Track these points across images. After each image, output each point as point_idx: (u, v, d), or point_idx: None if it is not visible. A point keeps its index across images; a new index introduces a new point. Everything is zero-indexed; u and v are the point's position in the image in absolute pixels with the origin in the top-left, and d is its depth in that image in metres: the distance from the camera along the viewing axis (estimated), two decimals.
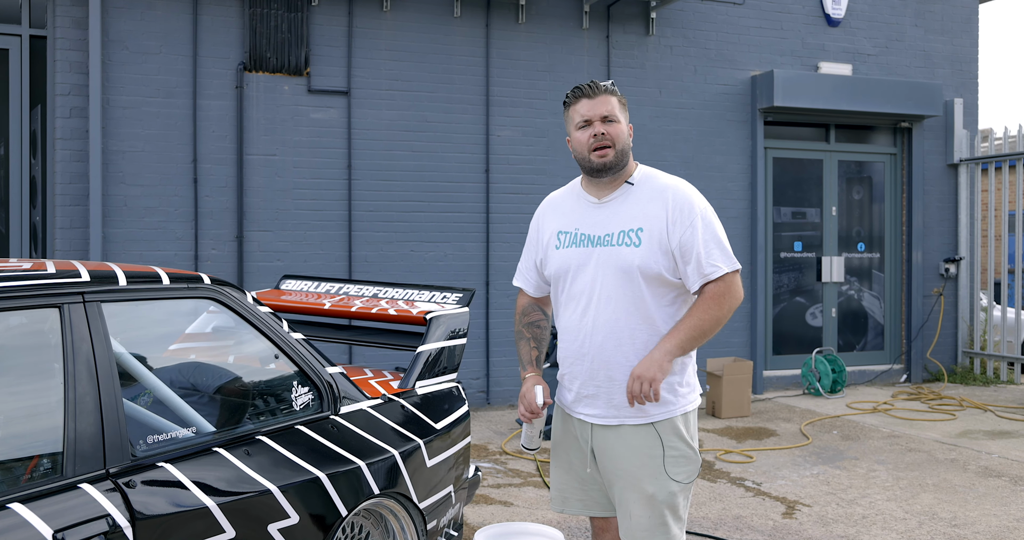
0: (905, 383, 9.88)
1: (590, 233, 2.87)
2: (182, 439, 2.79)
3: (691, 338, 2.77)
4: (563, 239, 2.93)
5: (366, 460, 3.22)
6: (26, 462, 2.45)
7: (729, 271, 2.80)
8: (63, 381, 2.50)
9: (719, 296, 2.78)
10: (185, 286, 2.98)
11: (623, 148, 2.84)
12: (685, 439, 2.87)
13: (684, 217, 2.78)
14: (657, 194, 2.82)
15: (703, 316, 2.77)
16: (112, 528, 2.42)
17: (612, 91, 2.86)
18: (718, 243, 2.80)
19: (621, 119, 2.85)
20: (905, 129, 10.01)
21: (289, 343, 3.22)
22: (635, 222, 2.81)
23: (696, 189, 2.90)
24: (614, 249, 2.82)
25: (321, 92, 7.78)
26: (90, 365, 2.55)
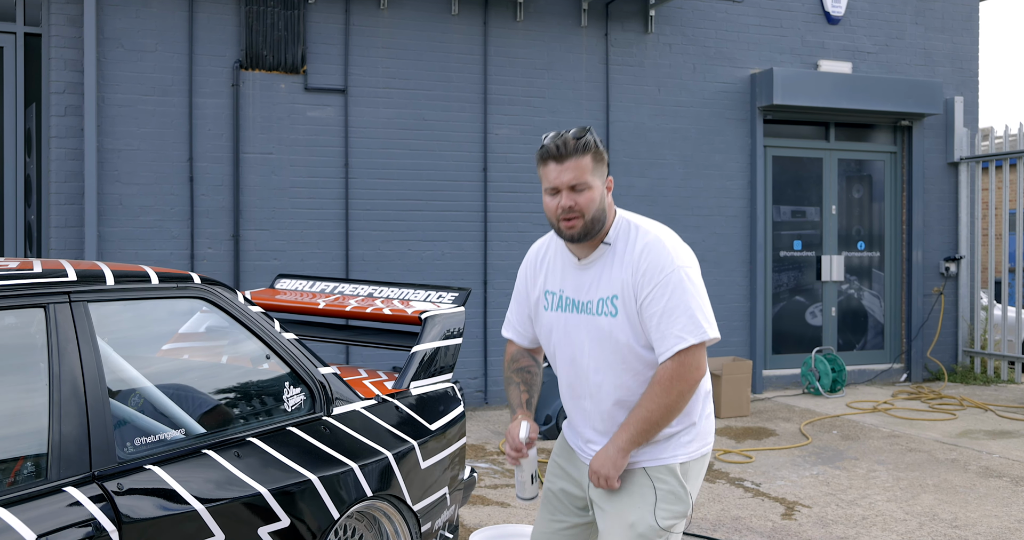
0: (905, 382, 9.83)
1: (574, 298, 2.74)
2: (170, 441, 2.75)
3: (642, 431, 2.58)
4: (550, 300, 2.80)
5: (359, 462, 3.17)
6: (9, 465, 2.40)
7: (685, 347, 2.53)
8: (48, 382, 2.45)
9: (667, 381, 2.54)
10: (175, 286, 2.93)
11: (594, 216, 2.59)
12: (678, 477, 2.70)
13: (648, 282, 2.57)
14: (628, 256, 2.62)
15: (650, 406, 2.56)
16: (97, 532, 2.38)
17: (584, 148, 2.55)
18: (685, 310, 2.54)
19: (594, 182, 2.56)
20: (905, 127, 9.96)
21: (281, 343, 3.18)
22: (611, 289, 2.64)
23: (676, 243, 2.64)
24: (594, 319, 2.68)
25: (318, 90, 7.74)
26: (76, 366, 2.51)
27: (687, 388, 2.55)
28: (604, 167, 2.62)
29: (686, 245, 2.70)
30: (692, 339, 2.53)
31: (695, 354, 2.55)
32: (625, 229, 2.67)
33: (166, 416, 2.81)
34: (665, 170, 8.94)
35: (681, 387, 2.55)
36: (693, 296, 2.56)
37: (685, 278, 2.56)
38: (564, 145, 2.54)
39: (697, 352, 2.56)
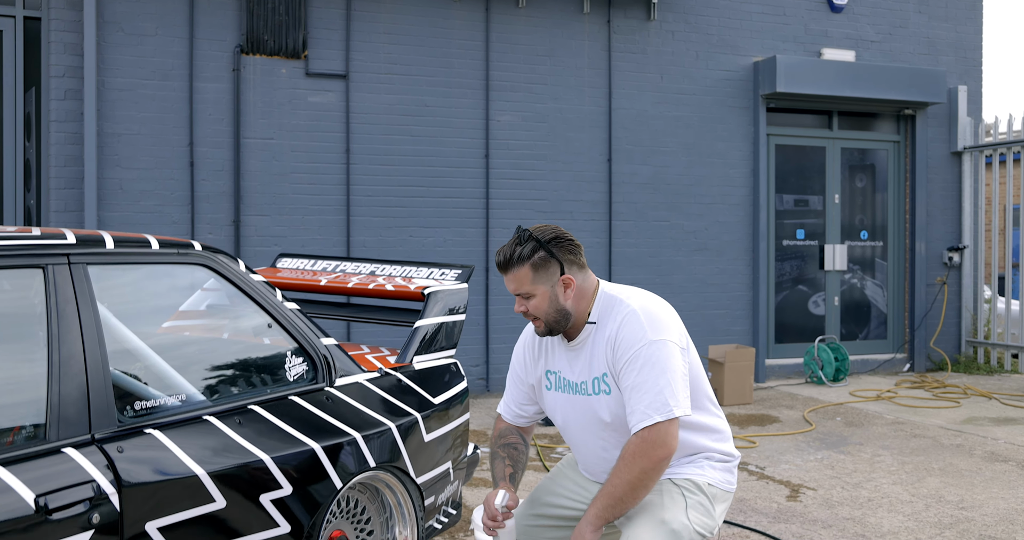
0: (908, 372, 9.79)
1: (570, 379, 2.78)
2: (171, 407, 2.71)
3: (608, 506, 2.58)
4: (551, 380, 2.84)
5: (362, 432, 3.13)
6: (7, 425, 2.36)
7: (649, 424, 2.54)
8: (47, 344, 2.41)
9: (629, 457, 2.55)
10: (175, 252, 2.89)
11: (553, 317, 2.68)
12: (706, 494, 2.73)
13: (621, 357, 2.62)
14: (610, 331, 2.67)
15: (615, 481, 2.57)
16: (97, 495, 2.34)
17: (518, 260, 2.64)
18: (652, 386, 2.55)
19: (537, 289, 2.65)
20: (908, 116, 9.92)
21: (283, 313, 3.14)
22: (601, 367, 2.69)
23: (655, 314, 2.65)
24: (590, 399, 2.72)
25: (319, 75, 7.69)
26: (75, 327, 2.47)
27: (650, 466, 2.55)
28: (552, 269, 2.67)
29: (671, 314, 2.71)
30: (657, 416, 2.54)
31: (660, 431, 2.54)
32: (608, 304, 2.72)
33: (166, 382, 2.77)
34: (668, 158, 8.90)
35: (643, 464, 2.55)
36: (663, 372, 2.57)
37: (656, 352, 2.58)
38: (504, 260, 2.67)
39: (662, 429, 2.54)
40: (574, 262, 2.72)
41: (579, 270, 2.73)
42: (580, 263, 2.74)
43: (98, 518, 2.33)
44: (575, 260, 2.72)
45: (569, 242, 2.72)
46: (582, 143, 8.56)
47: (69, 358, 2.43)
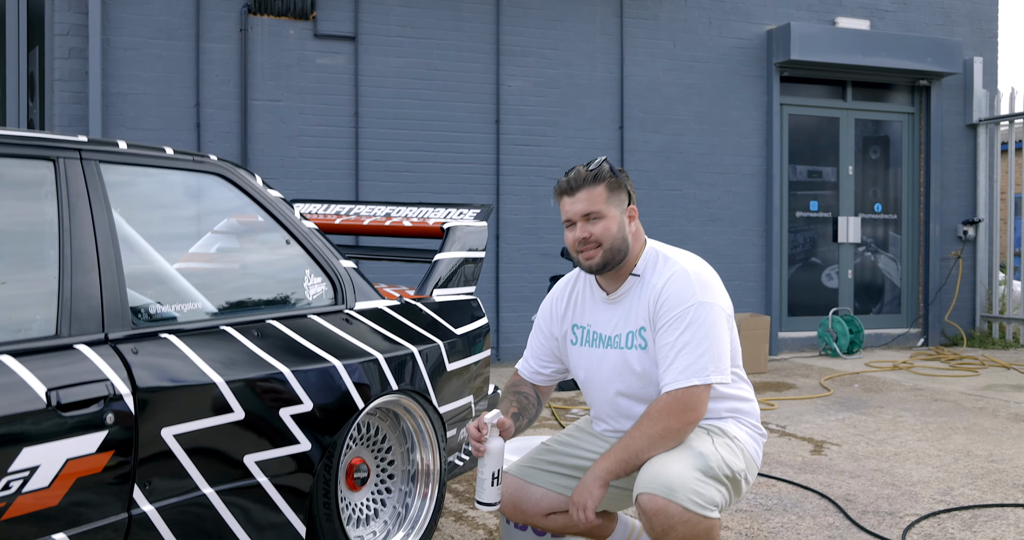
0: (922, 347, 9.66)
1: (602, 333, 2.67)
2: (186, 314, 2.59)
3: (622, 460, 2.49)
4: (578, 335, 2.73)
5: (384, 354, 3.00)
6: (15, 317, 2.23)
7: (685, 386, 2.45)
8: (57, 237, 2.29)
9: (657, 414, 2.47)
10: (191, 159, 2.77)
11: (613, 246, 2.56)
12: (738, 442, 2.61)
13: (666, 313, 2.52)
14: (654, 287, 2.57)
15: (635, 434, 2.49)
16: (112, 395, 2.21)
17: (596, 178, 2.54)
18: (695, 348, 2.47)
19: (609, 211, 2.55)
20: (923, 88, 9.78)
21: (301, 231, 3.01)
22: (639, 321, 2.59)
23: (705, 277, 2.56)
24: (624, 353, 2.61)
25: (328, 37, 7.56)
26: (87, 223, 2.34)
27: (676, 426, 2.47)
28: (623, 195, 2.59)
29: (719, 281, 2.61)
30: (695, 380, 2.46)
31: (694, 395, 2.47)
32: (654, 260, 2.63)
33: (180, 291, 2.65)
34: (680, 126, 8.76)
35: (669, 423, 2.47)
36: (707, 335, 2.49)
37: (704, 314, 2.50)
38: (575, 177, 2.55)
39: (696, 393, 2.47)
40: (633, 202, 2.66)
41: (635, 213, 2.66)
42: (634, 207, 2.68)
43: (112, 419, 2.21)
44: (634, 200, 2.66)
45: (628, 181, 2.66)
46: (594, 110, 8.42)
47: (81, 254, 2.30)
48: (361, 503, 3.03)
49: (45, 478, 2.07)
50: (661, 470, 2.44)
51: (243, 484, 2.52)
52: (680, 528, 2.40)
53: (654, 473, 2.44)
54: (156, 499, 2.32)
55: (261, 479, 2.56)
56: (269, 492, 2.59)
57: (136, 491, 2.27)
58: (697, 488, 2.42)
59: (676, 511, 2.39)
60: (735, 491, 2.59)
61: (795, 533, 3.59)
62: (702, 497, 2.42)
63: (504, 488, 2.78)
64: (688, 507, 2.39)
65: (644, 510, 2.42)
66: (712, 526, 2.44)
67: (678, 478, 2.42)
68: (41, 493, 2.07)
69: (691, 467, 2.46)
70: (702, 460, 2.50)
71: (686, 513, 2.39)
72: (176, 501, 2.36)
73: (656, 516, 2.40)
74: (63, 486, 2.11)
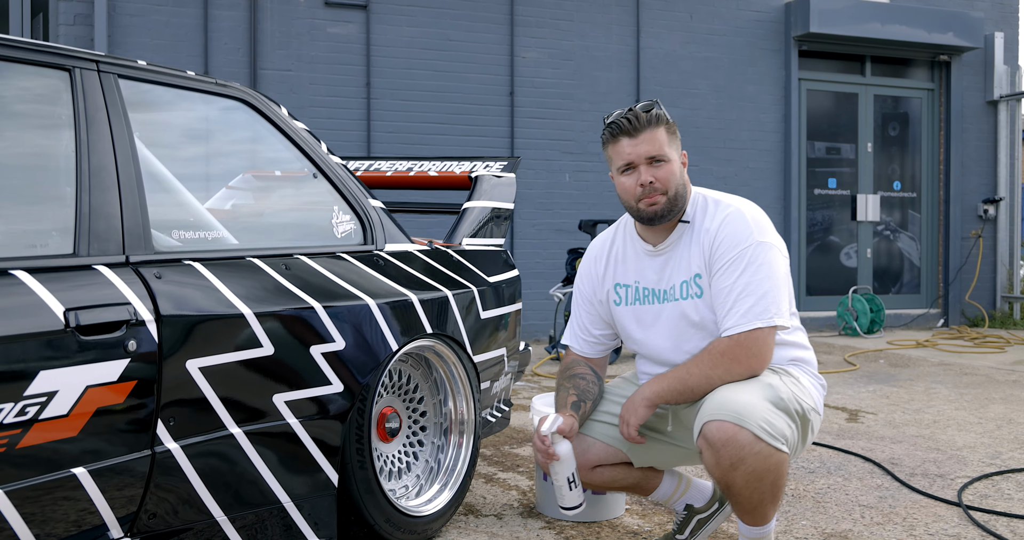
0: (942, 328, 9.48)
1: (653, 287, 2.49)
2: (211, 241, 2.41)
3: (673, 390, 2.36)
4: (623, 294, 2.55)
5: (417, 295, 2.83)
6: (29, 233, 2.06)
7: (747, 330, 2.30)
8: (74, 150, 2.11)
9: (718, 355, 2.32)
10: (213, 82, 2.59)
11: (676, 192, 2.40)
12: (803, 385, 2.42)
13: (722, 255, 2.37)
14: (707, 231, 2.42)
15: (693, 370, 2.34)
16: (134, 320, 2.04)
17: (657, 120, 2.38)
18: (756, 290, 2.31)
19: (672, 155, 2.39)
20: (943, 63, 9.59)
21: (329, 165, 2.83)
22: (692, 268, 2.43)
23: (759, 217, 2.41)
24: (679, 304, 2.44)
25: (339, 5, 7.37)
26: (106, 138, 2.16)
27: (739, 370, 2.33)
28: (677, 141, 2.45)
29: (771, 224, 2.45)
30: (758, 322, 2.31)
31: (758, 338, 2.31)
32: (703, 205, 2.47)
33: (202, 220, 2.48)
34: (697, 100, 8.58)
35: (730, 367, 2.33)
36: (768, 276, 2.33)
37: (762, 255, 2.35)
38: (636, 118, 2.37)
39: (760, 337, 2.31)
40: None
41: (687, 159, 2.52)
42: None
43: (134, 346, 2.03)
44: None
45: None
46: (609, 83, 8.24)
47: (100, 169, 2.12)
48: (392, 455, 2.85)
49: (63, 405, 1.90)
50: (729, 397, 2.27)
51: (272, 425, 2.35)
52: (750, 460, 2.22)
53: (721, 400, 2.27)
54: (181, 437, 2.14)
55: (291, 420, 2.39)
56: (300, 435, 2.41)
57: (160, 427, 2.10)
58: (768, 417, 2.25)
59: (747, 440, 2.21)
60: (803, 433, 2.41)
61: (844, 494, 3.42)
62: (773, 427, 2.24)
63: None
64: (760, 435, 2.21)
65: (711, 440, 2.24)
66: (783, 461, 2.26)
67: (748, 405, 2.24)
68: (59, 422, 1.90)
69: (761, 397, 2.29)
70: (772, 391, 2.33)
71: (757, 443, 2.21)
72: (202, 440, 2.19)
73: (725, 446, 2.22)
74: (83, 416, 1.94)
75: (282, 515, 2.39)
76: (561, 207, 8.08)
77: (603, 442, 2.57)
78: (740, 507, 2.33)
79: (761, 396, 2.29)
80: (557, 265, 7.87)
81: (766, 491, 2.28)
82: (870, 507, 3.25)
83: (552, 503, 3.08)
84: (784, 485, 2.32)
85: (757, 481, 2.25)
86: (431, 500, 2.87)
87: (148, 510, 2.10)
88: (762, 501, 2.30)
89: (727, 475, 2.26)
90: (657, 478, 2.69)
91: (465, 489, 2.98)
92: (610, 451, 2.58)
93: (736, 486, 2.27)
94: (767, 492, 2.28)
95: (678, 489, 2.71)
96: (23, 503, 1.84)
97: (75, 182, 2.08)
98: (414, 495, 2.88)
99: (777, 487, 2.29)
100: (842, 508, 3.24)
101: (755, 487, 2.26)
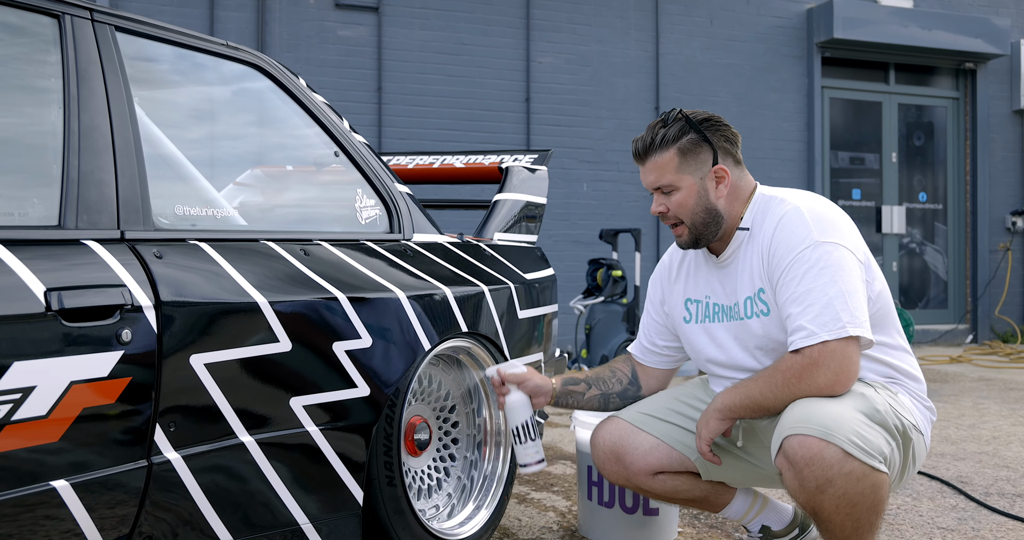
0: (971, 344, 9.13)
1: (721, 303, 2.23)
2: (220, 220, 2.10)
3: (743, 407, 2.08)
4: (693, 311, 2.29)
5: (451, 289, 2.51)
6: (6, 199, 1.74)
7: (814, 343, 1.98)
8: (62, 107, 1.80)
9: (795, 371, 2.00)
10: (224, 44, 2.28)
11: (696, 220, 2.15)
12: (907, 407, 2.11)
13: (780, 262, 2.08)
14: (763, 239, 2.13)
15: (764, 390, 2.04)
16: (130, 306, 1.72)
17: (663, 143, 2.13)
18: (820, 296, 1.99)
19: (683, 181, 2.13)
20: (968, 71, 9.31)
21: (352, 143, 2.52)
22: (756, 281, 2.14)
23: (821, 213, 2.10)
24: (745, 323, 2.16)
25: (349, 7, 7.11)
26: (99, 94, 1.85)
27: (807, 390, 1.99)
28: (702, 156, 2.15)
29: (845, 219, 2.11)
30: (825, 334, 1.97)
31: (831, 354, 1.97)
32: (763, 207, 2.16)
33: (209, 196, 2.16)
34: (718, 108, 8.28)
35: (807, 386, 2.00)
36: (833, 280, 2.00)
37: (824, 256, 2.03)
38: (643, 142, 2.18)
39: (832, 351, 1.97)
40: (729, 153, 2.17)
41: (735, 164, 2.18)
42: (736, 156, 2.19)
43: (128, 336, 1.71)
44: (731, 150, 2.17)
45: (726, 127, 2.17)
46: (628, 89, 7.96)
47: (91, 130, 1.81)
48: (421, 471, 2.52)
49: (42, 405, 1.57)
50: (814, 408, 1.95)
51: (288, 434, 2.02)
52: (840, 482, 1.89)
53: (804, 412, 1.95)
54: (183, 445, 1.82)
55: (310, 429, 2.06)
56: (320, 446, 2.08)
57: (158, 433, 1.78)
58: (861, 431, 1.92)
59: (835, 458, 1.88)
60: (904, 455, 2.07)
61: (917, 515, 3.08)
62: (867, 442, 1.92)
63: (605, 437, 2.30)
64: (851, 452, 1.88)
65: (793, 458, 1.91)
66: (881, 483, 1.93)
67: (837, 417, 1.92)
68: (37, 424, 1.57)
69: (851, 407, 1.97)
70: (864, 401, 2.00)
71: (848, 461, 1.88)
72: (207, 449, 1.86)
73: (809, 465, 1.89)
74: (66, 418, 1.61)
75: (298, 538, 2.06)
76: (579, 217, 7.77)
77: (668, 445, 2.27)
78: (831, 536, 2.00)
79: (852, 406, 1.97)
80: (576, 277, 7.55)
81: (862, 518, 1.94)
82: (951, 530, 2.92)
83: (597, 526, 2.75)
84: (884, 511, 1.98)
85: (850, 507, 1.92)
86: (465, 522, 2.54)
87: (142, 533, 1.77)
88: (857, 530, 1.96)
89: (813, 499, 1.93)
90: (729, 493, 2.37)
91: (502, 510, 2.65)
92: (675, 456, 2.27)
93: (825, 512, 1.94)
94: (863, 519, 1.95)
95: (752, 507, 2.38)
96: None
97: (63, 144, 1.77)
98: (446, 517, 2.55)
99: (875, 513, 1.96)
100: (919, 531, 2.90)
101: (847, 513, 1.93)
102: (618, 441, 2.28)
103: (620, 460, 2.29)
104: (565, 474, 3.61)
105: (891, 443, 1.99)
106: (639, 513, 2.69)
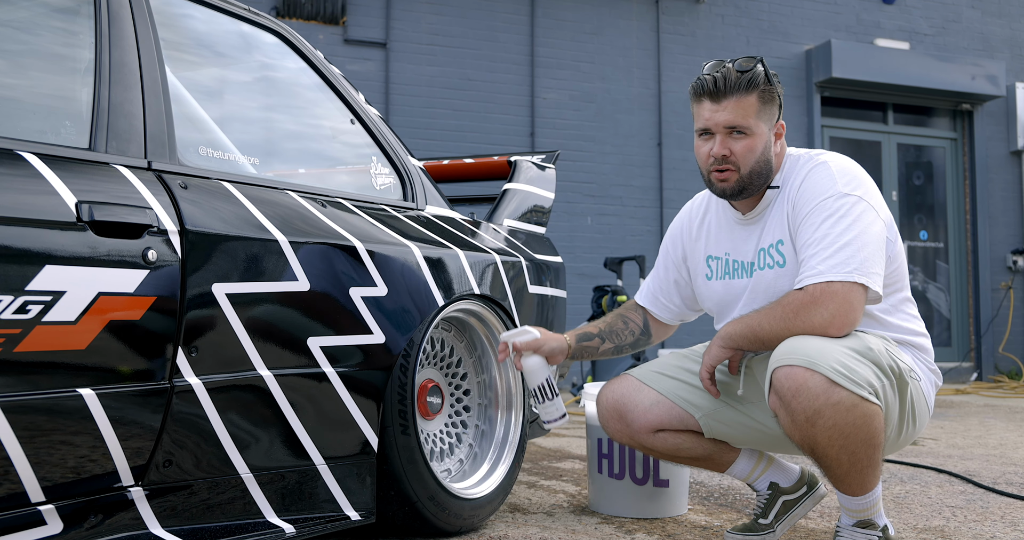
0: (976, 382, 9.12)
1: (742, 259, 2.24)
2: (241, 165, 2.16)
3: (742, 336, 2.09)
4: (714, 267, 2.31)
5: (465, 252, 2.56)
6: (40, 119, 1.81)
7: (819, 281, 1.98)
8: (94, 42, 1.88)
9: (794, 306, 2.01)
10: (246, 8, 2.38)
11: (754, 170, 2.11)
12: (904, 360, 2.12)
13: (802, 209, 2.09)
14: (791, 190, 2.14)
15: (763, 322, 2.05)
16: (156, 228, 1.78)
17: (749, 85, 2.07)
18: (834, 242, 2.00)
19: (758, 127, 2.09)
20: (966, 112, 9.47)
21: (368, 113, 2.61)
22: (775, 234, 2.16)
23: (848, 169, 2.11)
24: (759, 274, 2.18)
25: (358, 43, 7.29)
26: (129, 34, 1.94)
27: (803, 327, 1.99)
28: (774, 109, 2.14)
29: (868, 177, 2.14)
30: (830, 275, 1.98)
31: (833, 295, 1.98)
32: (793, 164, 2.17)
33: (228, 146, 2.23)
34: None
35: (808, 320, 1.99)
36: (850, 228, 2.02)
37: (845, 207, 2.04)
38: (724, 78, 2.08)
39: (835, 292, 1.98)
40: (781, 116, 2.18)
41: (783, 129, 2.20)
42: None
43: (155, 257, 1.76)
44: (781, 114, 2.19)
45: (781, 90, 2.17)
46: (631, 126, 8.10)
47: (121, 66, 1.89)
48: (435, 434, 2.55)
49: (71, 310, 1.62)
50: (802, 343, 1.96)
51: (306, 371, 2.06)
52: (828, 412, 1.89)
53: (791, 346, 1.97)
54: (204, 372, 1.86)
55: (327, 370, 2.10)
56: (336, 387, 2.12)
57: (180, 356, 1.82)
58: (846, 361, 1.93)
59: (820, 387, 1.88)
60: (900, 398, 2.06)
61: (925, 497, 3.08)
62: (853, 372, 1.92)
63: (609, 395, 2.33)
64: (835, 379, 1.88)
65: (780, 391, 1.93)
66: (872, 413, 1.92)
67: (822, 348, 1.93)
68: (66, 329, 1.62)
69: (841, 344, 1.98)
70: (857, 340, 2.02)
71: (833, 389, 1.88)
72: (228, 379, 1.90)
73: (796, 396, 1.90)
74: (93, 326, 1.66)
75: (314, 478, 2.08)
76: (583, 251, 7.84)
77: (670, 401, 2.28)
78: (830, 473, 2.01)
79: (842, 343, 1.98)
80: (579, 311, 7.59)
81: (858, 452, 1.94)
82: (960, 508, 2.92)
83: (608, 499, 2.76)
84: (881, 443, 1.97)
85: (843, 439, 1.91)
86: (479, 483, 2.55)
87: (164, 451, 1.80)
88: (855, 464, 1.96)
89: (806, 433, 1.93)
90: (733, 453, 2.37)
91: (515, 475, 2.66)
92: (676, 413, 2.28)
93: (819, 446, 1.94)
94: (859, 453, 1.94)
95: (758, 465, 2.39)
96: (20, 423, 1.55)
97: (94, 75, 1.84)
98: (458, 480, 2.56)
99: (871, 446, 1.94)
100: (929, 509, 2.90)
101: (841, 446, 1.92)
102: (620, 398, 2.30)
103: (623, 417, 2.30)
104: (573, 468, 3.62)
105: (882, 379, 1.99)
106: (649, 484, 2.70)
